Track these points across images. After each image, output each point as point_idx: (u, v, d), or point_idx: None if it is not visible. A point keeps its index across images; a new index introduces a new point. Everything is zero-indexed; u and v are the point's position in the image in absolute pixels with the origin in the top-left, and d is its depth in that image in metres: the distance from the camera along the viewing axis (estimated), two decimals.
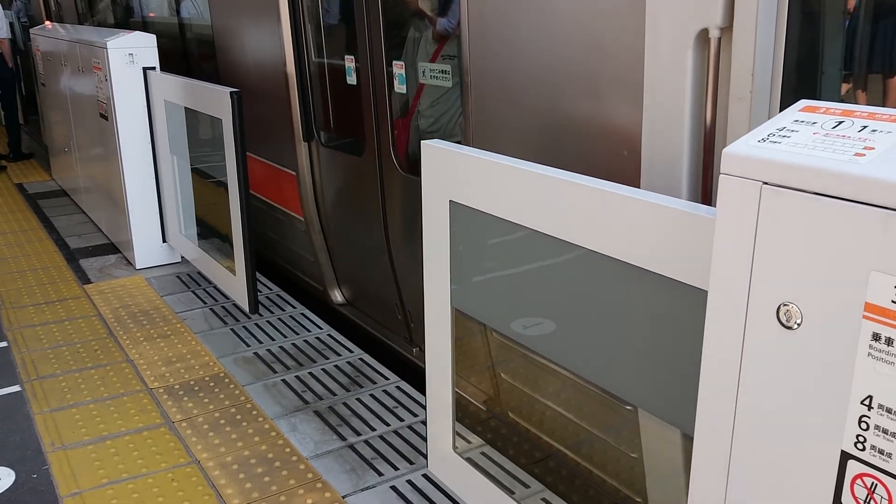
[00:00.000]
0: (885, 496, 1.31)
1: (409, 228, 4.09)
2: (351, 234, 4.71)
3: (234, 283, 4.64)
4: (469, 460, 2.81)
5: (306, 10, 4.63)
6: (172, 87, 5.09)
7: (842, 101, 1.67)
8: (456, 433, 2.82)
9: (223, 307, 4.86)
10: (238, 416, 3.60)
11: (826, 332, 1.35)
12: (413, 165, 4.21)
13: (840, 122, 1.42)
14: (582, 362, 2.33)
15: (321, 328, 4.55)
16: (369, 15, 4.00)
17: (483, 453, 3.03)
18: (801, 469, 1.43)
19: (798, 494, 1.45)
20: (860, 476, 1.35)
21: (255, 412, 3.64)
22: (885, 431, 1.29)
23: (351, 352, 4.24)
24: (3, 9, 9.09)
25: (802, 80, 2.27)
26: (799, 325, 1.39)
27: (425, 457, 3.26)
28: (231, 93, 4.17)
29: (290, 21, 4.65)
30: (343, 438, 3.41)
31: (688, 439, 1.77)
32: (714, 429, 1.59)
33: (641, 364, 2.01)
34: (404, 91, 3.98)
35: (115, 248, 6.05)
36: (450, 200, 2.50)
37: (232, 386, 3.89)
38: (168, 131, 5.29)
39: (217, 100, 4.37)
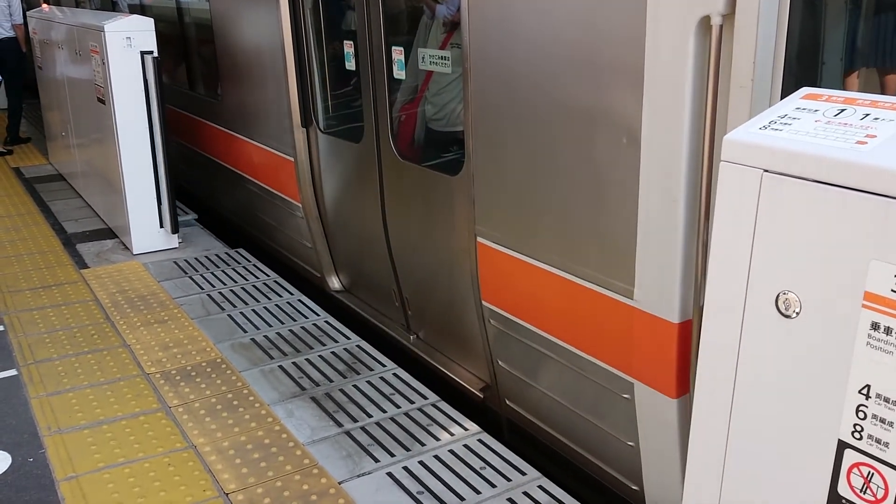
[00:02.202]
0: (882, 486, 1.31)
1: (407, 215, 4.08)
2: (349, 220, 4.70)
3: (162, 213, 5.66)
4: None
5: None
6: None
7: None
8: None
9: (220, 293, 4.85)
10: (235, 402, 3.60)
11: (825, 321, 1.34)
12: (414, 152, 4.19)
13: (842, 110, 1.41)
14: None
15: (318, 315, 4.54)
16: (369, 0, 3.98)
17: None
18: (797, 458, 1.43)
19: (794, 484, 1.45)
20: (857, 465, 1.34)
21: (251, 398, 3.63)
22: (882, 421, 1.29)
23: (348, 338, 4.24)
24: None
25: (803, 69, 2.25)
26: (798, 313, 1.38)
27: (422, 444, 3.26)
28: (152, 58, 5.27)
29: (289, 5, 4.62)
30: (339, 425, 3.41)
31: (686, 429, 1.76)
32: (711, 417, 1.58)
33: None
34: (403, 77, 3.96)
35: (112, 233, 6.04)
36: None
37: (229, 372, 3.88)
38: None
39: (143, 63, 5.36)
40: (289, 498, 2.92)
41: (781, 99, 1.93)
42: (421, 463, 3.13)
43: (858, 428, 1.32)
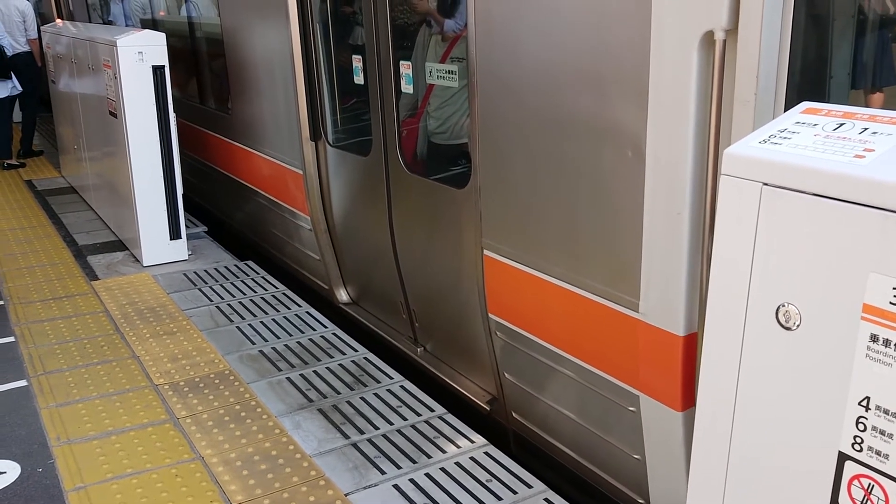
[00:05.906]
0: (882, 498, 1.32)
1: (415, 228, 4.10)
2: (357, 233, 4.73)
3: None
4: None
5: (315, 10, 4.64)
6: None
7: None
8: None
9: (229, 305, 4.88)
10: (242, 414, 3.62)
11: (824, 333, 1.35)
12: (420, 166, 4.22)
13: (841, 125, 1.43)
14: None
15: (326, 327, 4.56)
16: (377, 15, 4.02)
17: None
18: (798, 470, 1.44)
19: (796, 495, 1.45)
20: (857, 477, 1.35)
21: (259, 409, 3.65)
22: (882, 433, 1.30)
23: (355, 350, 4.25)
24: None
25: (810, 84, 2.27)
26: (798, 325, 1.39)
27: (428, 456, 3.27)
28: (154, 67, 5.42)
29: (299, 20, 4.67)
30: (346, 437, 3.43)
31: (692, 442, 1.77)
32: (713, 430, 1.59)
33: None
34: (411, 91, 4.00)
35: (122, 245, 6.08)
36: None
37: (237, 383, 3.90)
38: None
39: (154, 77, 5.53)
40: None
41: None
42: (427, 475, 3.14)
43: (859, 440, 1.33)
